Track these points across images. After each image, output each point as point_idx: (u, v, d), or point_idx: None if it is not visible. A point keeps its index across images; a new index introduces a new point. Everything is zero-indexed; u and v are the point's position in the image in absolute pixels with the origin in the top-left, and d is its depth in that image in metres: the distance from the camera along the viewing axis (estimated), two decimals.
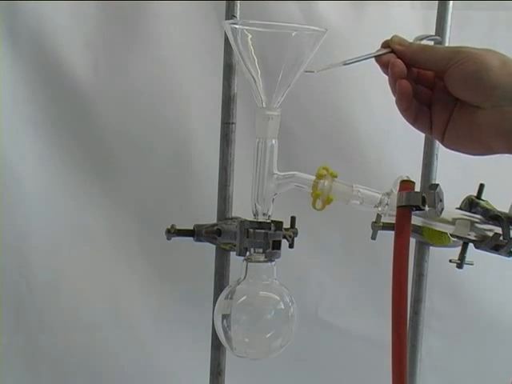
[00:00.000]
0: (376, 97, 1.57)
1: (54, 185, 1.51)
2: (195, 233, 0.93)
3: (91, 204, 1.53)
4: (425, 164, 1.03)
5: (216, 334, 0.81)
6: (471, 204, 0.83)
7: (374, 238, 0.90)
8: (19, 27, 1.45)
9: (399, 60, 0.70)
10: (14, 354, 1.51)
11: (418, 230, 0.94)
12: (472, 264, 0.87)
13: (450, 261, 0.86)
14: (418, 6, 1.56)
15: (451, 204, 0.79)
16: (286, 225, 0.85)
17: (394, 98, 0.72)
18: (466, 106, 0.69)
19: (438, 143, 1.02)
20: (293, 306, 0.77)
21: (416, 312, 1.04)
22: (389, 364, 0.68)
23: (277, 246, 0.76)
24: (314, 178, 0.74)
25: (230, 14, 0.91)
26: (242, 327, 0.77)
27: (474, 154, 0.70)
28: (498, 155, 0.70)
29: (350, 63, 0.70)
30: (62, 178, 1.51)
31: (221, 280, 0.95)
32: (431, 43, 0.79)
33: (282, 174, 0.74)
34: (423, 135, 1.04)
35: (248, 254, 0.76)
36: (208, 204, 1.02)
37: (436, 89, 0.73)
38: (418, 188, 0.71)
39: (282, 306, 0.77)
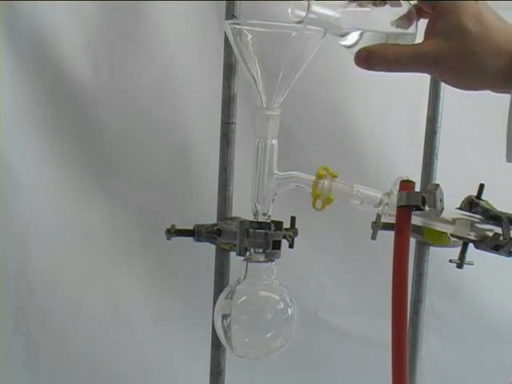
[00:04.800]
0: (376, 97, 1.57)
1: (54, 185, 1.51)
2: (195, 233, 0.93)
3: (91, 204, 1.53)
4: (425, 164, 1.03)
5: (216, 334, 0.81)
6: (471, 204, 0.83)
7: (374, 238, 0.90)
8: (19, 27, 1.45)
9: None
10: (13, 353, 1.51)
11: (418, 230, 0.94)
12: (472, 264, 0.87)
13: (450, 261, 0.86)
14: None
15: (451, 204, 0.79)
16: (286, 225, 0.85)
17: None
18: None
19: (438, 143, 1.02)
20: (293, 306, 0.77)
21: (416, 312, 1.04)
22: (389, 364, 0.68)
23: (277, 246, 0.76)
24: (314, 177, 0.74)
25: (229, 14, 0.91)
26: (242, 327, 0.77)
27: None
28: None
29: None
30: (62, 177, 1.51)
31: (221, 280, 0.95)
32: None
33: (282, 173, 0.74)
34: (423, 135, 1.04)
35: (248, 253, 0.76)
36: (208, 204, 1.02)
37: None
38: (418, 188, 0.71)
39: (282, 306, 0.77)
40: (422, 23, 0.71)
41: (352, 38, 0.71)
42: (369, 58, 0.69)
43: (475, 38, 0.66)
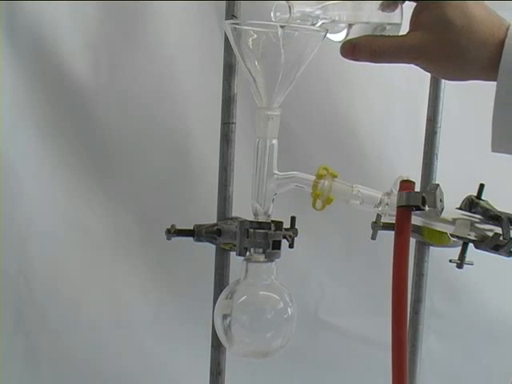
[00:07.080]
0: (376, 96, 1.57)
1: (54, 185, 1.51)
2: (195, 233, 0.93)
3: (91, 204, 1.53)
4: (425, 164, 1.03)
5: (216, 334, 0.81)
6: (471, 204, 0.83)
7: (374, 238, 0.90)
8: (19, 27, 1.45)
9: None
10: (13, 353, 1.51)
11: (418, 230, 0.94)
12: (472, 264, 0.87)
13: (450, 261, 0.86)
14: None
15: (451, 204, 0.79)
16: (286, 225, 0.85)
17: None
18: None
19: (438, 143, 1.02)
20: (293, 306, 0.77)
21: (416, 312, 1.04)
22: (389, 364, 0.68)
23: (277, 245, 0.76)
24: (313, 177, 0.74)
25: (229, 14, 0.91)
26: (242, 327, 0.77)
27: None
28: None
29: None
30: (62, 177, 1.51)
31: (221, 280, 0.95)
32: None
33: (282, 174, 0.74)
34: (423, 135, 1.04)
35: (248, 253, 0.76)
36: (208, 204, 1.02)
37: None
38: (418, 188, 0.71)
39: (282, 306, 0.77)
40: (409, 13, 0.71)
41: (342, 32, 0.71)
42: (354, 51, 0.69)
43: (459, 31, 0.66)
